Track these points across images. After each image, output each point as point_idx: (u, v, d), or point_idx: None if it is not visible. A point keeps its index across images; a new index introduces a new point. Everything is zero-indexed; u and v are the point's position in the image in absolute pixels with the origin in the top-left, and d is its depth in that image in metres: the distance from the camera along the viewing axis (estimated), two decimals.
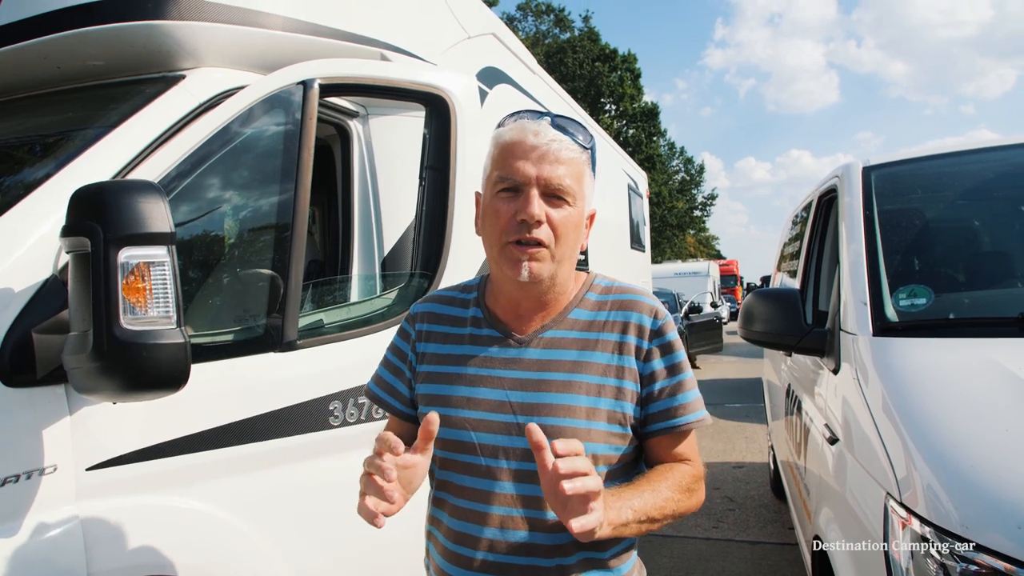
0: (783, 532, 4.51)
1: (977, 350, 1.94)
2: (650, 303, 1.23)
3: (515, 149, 1.14)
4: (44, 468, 1.49)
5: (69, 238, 1.43)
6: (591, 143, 1.21)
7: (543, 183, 1.12)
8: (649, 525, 1.12)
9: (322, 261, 3.02)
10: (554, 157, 1.13)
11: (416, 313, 1.34)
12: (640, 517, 1.09)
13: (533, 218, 1.11)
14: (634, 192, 7.69)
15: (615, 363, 1.18)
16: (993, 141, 3.08)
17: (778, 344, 2.62)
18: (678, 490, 1.17)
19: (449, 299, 1.34)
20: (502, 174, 1.15)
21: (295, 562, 1.97)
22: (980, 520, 1.33)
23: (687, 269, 24.11)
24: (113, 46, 2.12)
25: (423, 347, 1.30)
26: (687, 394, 1.20)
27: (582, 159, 1.17)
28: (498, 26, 3.65)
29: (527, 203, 1.11)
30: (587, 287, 1.27)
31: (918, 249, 2.60)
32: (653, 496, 1.12)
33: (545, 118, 1.17)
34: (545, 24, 39.49)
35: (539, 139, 1.13)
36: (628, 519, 1.07)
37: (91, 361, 1.37)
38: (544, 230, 1.13)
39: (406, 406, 1.32)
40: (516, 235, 1.13)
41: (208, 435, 1.80)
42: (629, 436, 1.19)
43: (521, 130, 1.15)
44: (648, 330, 1.20)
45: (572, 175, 1.14)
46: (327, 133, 2.66)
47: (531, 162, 1.13)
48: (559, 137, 1.14)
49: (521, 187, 1.13)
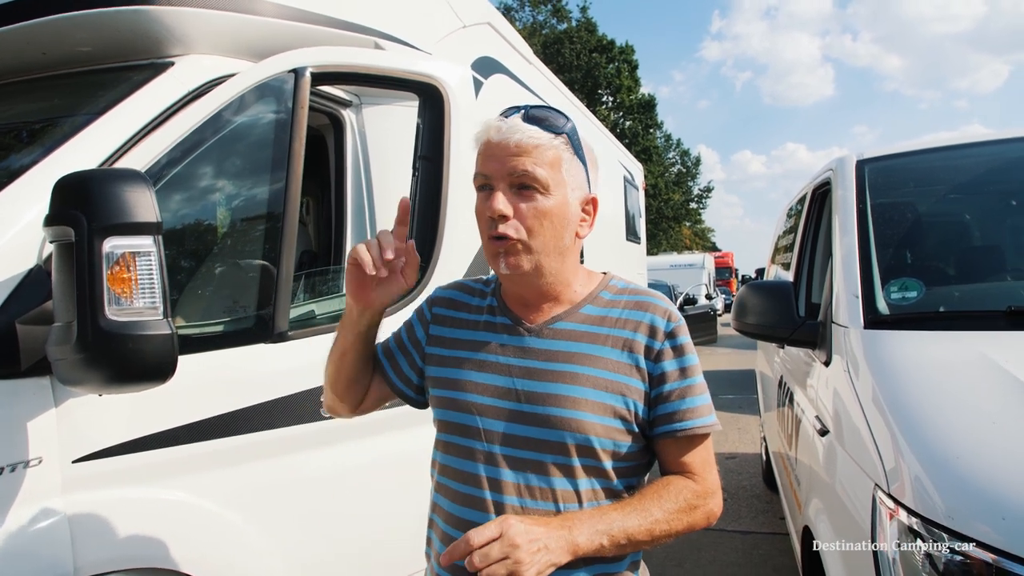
0: (774, 522, 4.53)
1: (966, 343, 1.94)
2: (664, 306, 1.23)
3: (485, 149, 1.17)
4: (29, 461, 1.48)
5: (53, 227, 1.41)
6: (566, 126, 1.19)
7: (507, 175, 1.14)
8: (634, 547, 1.13)
9: (315, 251, 3.00)
10: (517, 148, 1.13)
11: (437, 297, 1.37)
12: (620, 541, 1.10)
13: (495, 213, 1.13)
14: (630, 184, 7.67)
15: (624, 360, 1.18)
16: (985, 136, 3.08)
17: (771, 336, 2.62)
18: (673, 510, 1.15)
19: (470, 288, 1.37)
20: (477, 172, 1.19)
21: (286, 554, 1.97)
22: (966, 511, 1.33)
23: (682, 261, 24.16)
24: (100, 31, 2.10)
25: (436, 330, 1.32)
26: (695, 398, 1.19)
27: (554, 144, 1.16)
28: (494, 15, 3.62)
29: (491, 199, 1.14)
30: (603, 286, 1.27)
31: (910, 242, 2.60)
32: (639, 518, 1.12)
33: (518, 112, 1.17)
34: (542, 14, 39.30)
35: (502, 134, 1.14)
36: (603, 544, 1.09)
37: (76, 353, 1.36)
38: (512, 224, 1.14)
39: (398, 377, 1.35)
40: (488, 232, 1.16)
41: (197, 427, 1.79)
42: (635, 434, 1.18)
43: (486, 128, 1.17)
44: (661, 331, 1.20)
45: (541, 162, 1.14)
46: (320, 122, 2.64)
47: (496, 158, 1.15)
48: (524, 128, 1.14)
49: (491, 184, 1.16)
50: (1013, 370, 1.69)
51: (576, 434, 1.13)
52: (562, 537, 1.06)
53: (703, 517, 1.19)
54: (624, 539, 1.10)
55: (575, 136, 1.20)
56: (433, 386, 1.28)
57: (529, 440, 1.15)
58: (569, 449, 1.14)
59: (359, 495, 2.19)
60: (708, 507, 1.20)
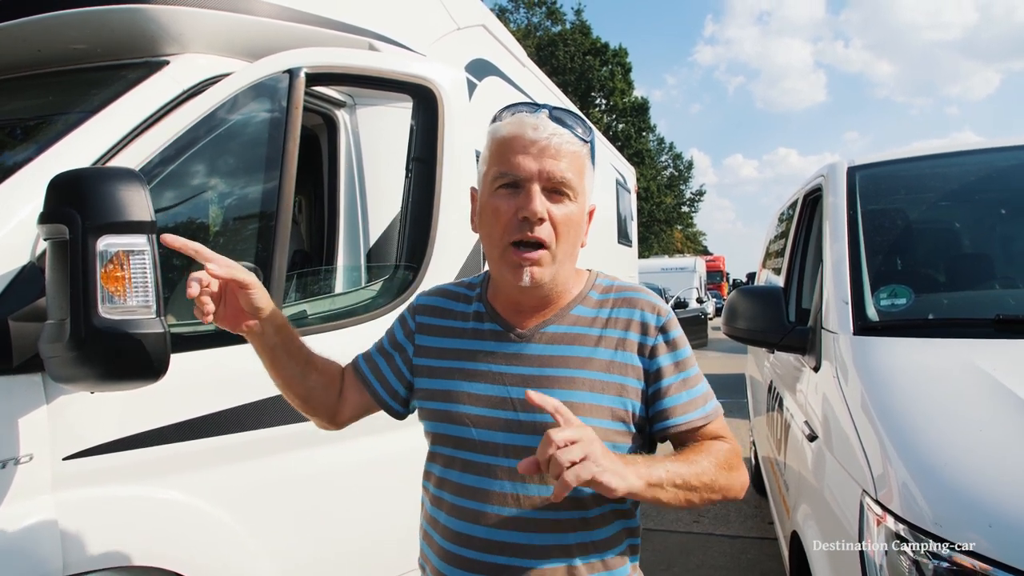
0: (763, 527, 4.55)
1: (954, 351, 1.96)
2: (653, 300, 1.22)
3: (514, 144, 1.11)
4: (20, 457, 1.47)
5: (47, 225, 1.41)
6: (591, 136, 1.18)
7: (545, 178, 1.09)
8: (688, 493, 1.08)
9: (307, 251, 3.00)
10: (555, 151, 1.10)
11: (418, 305, 1.33)
12: (675, 480, 1.06)
13: (536, 215, 1.08)
14: (622, 187, 7.70)
15: (618, 359, 1.17)
16: (977, 144, 3.11)
17: (761, 341, 2.64)
18: (717, 464, 1.12)
19: (453, 294, 1.32)
20: (501, 169, 1.12)
21: (277, 553, 1.96)
22: (953, 518, 1.34)
23: (674, 265, 24.21)
24: (95, 30, 2.09)
25: (422, 340, 1.28)
26: (693, 390, 1.19)
27: (583, 152, 1.15)
28: (488, 18, 3.63)
29: (529, 199, 1.08)
30: (590, 285, 1.25)
31: (900, 250, 2.62)
32: (689, 466, 1.09)
33: (543, 111, 1.14)
34: (537, 16, 39.31)
35: (539, 133, 1.10)
36: (662, 478, 1.04)
37: (68, 350, 1.36)
38: (546, 228, 1.10)
39: (384, 389, 1.31)
40: (518, 234, 1.10)
41: (189, 425, 1.78)
42: (633, 434, 1.17)
43: (519, 124, 1.12)
44: (652, 326, 1.18)
45: (573, 169, 1.12)
46: (314, 123, 2.64)
47: (531, 156, 1.09)
48: (559, 131, 1.11)
49: (522, 183, 1.10)
50: (1001, 378, 1.71)
51: None
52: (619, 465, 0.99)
53: (738, 482, 1.16)
54: (679, 479, 1.06)
55: (594, 145, 1.20)
56: (424, 398, 1.25)
57: (528, 450, 1.10)
58: None
59: (350, 495, 2.19)
60: (743, 470, 1.17)
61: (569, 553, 1.14)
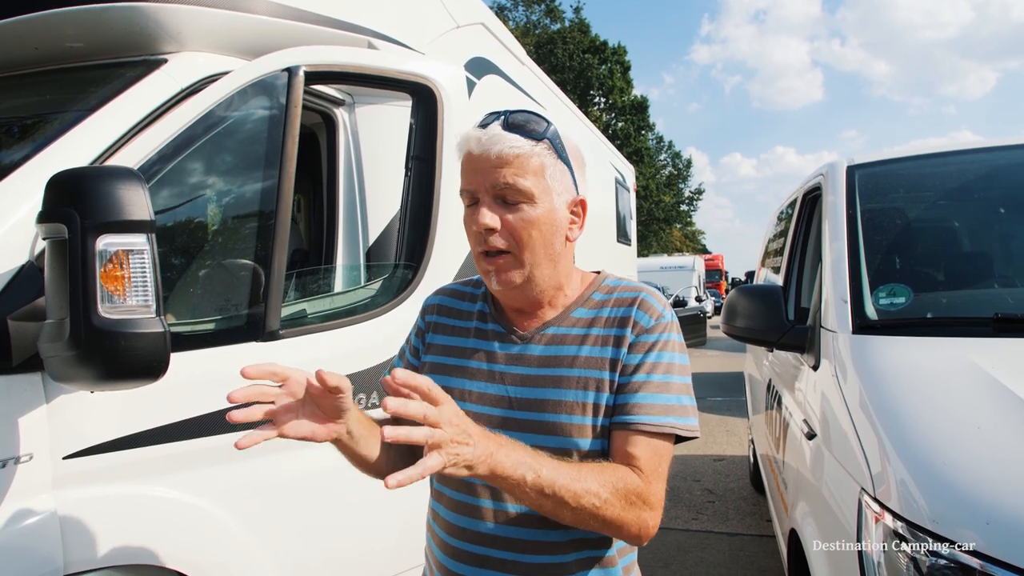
0: (761, 524, 4.56)
1: (953, 350, 1.96)
2: (652, 302, 1.19)
3: (466, 161, 1.14)
4: (20, 457, 1.47)
5: (46, 224, 1.41)
6: (547, 130, 1.15)
7: (491, 188, 1.12)
8: (553, 504, 0.99)
9: (307, 250, 3.00)
10: (497, 159, 1.10)
11: (428, 305, 1.36)
12: (543, 487, 0.97)
13: (482, 227, 1.11)
14: (621, 186, 7.70)
15: (608, 355, 1.16)
16: (975, 143, 3.11)
17: (760, 340, 2.64)
18: (609, 489, 1.03)
19: (460, 293, 1.35)
20: (463, 187, 1.17)
21: (277, 551, 1.97)
22: (950, 516, 1.35)
23: (673, 263, 24.22)
24: (93, 28, 2.09)
25: (431, 338, 1.31)
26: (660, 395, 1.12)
27: (536, 151, 1.12)
28: (487, 16, 3.63)
29: (478, 214, 1.12)
30: (595, 287, 1.25)
31: (899, 248, 2.62)
32: (572, 479, 1.00)
33: (497, 120, 1.14)
34: (536, 14, 39.33)
35: (481, 145, 1.11)
36: (524, 478, 0.96)
37: (68, 350, 1.36)
38: (502, 237, 1.12)
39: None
40: (480, 246, 1.14)
41: (189, 424, 1.78)
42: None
43: (467, 140, 1.14)
44: (642, 325, 1.16)
45: (524, 172, 1.11)
46: (313, 121, 2.64)
47: (478, 171, 1.12)
48: (504, 137, 1.10)
49: (477, 197, 1.14)
50: (1000, 377, 1.71)
51: (566, 438, 1.12)
52: (487, 448, 0.93)
53: (635, 521, 1.06)
54: (549, 488, 0.98)
55: (557, 139, 1.16)
56: None
57: None
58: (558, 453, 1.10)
59: (350, 492, 2.19)
60: (645, 515, 1.07)
61: (567, 548, 1.14)
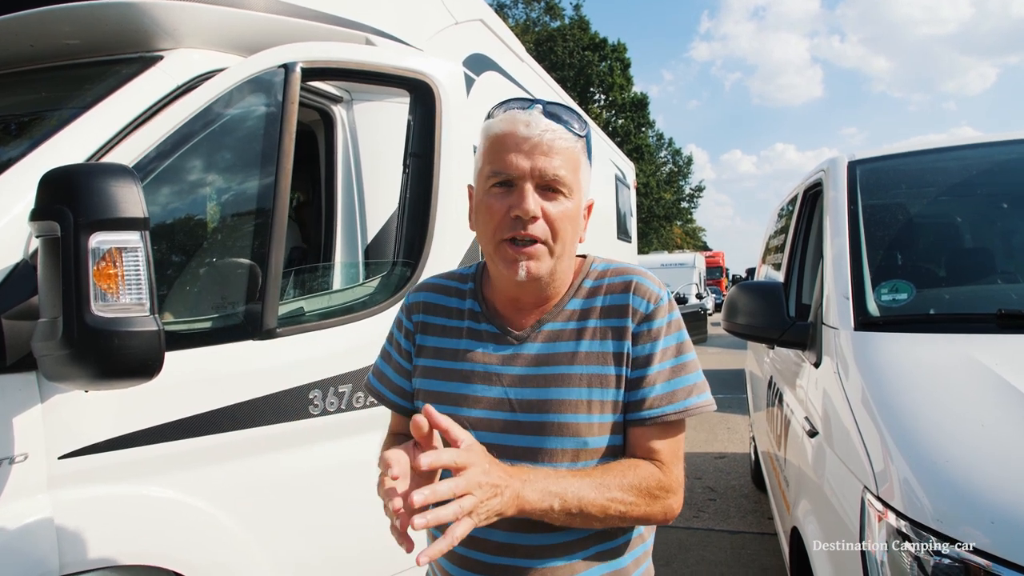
0: (763, 522, 4.55)
1: (956, 346, 1.95)
2: (645, 283, 1.17)
3: (506, 141, 1.08)
4: (14, 457, 1.46)
5: (39, 222, 1.39)
6: (586, 130, 1.16)
7: (537, 176, 1.07)
8: (583, 520, 1.04)
9: (305, 248, 2.98)
10: (548, 147, 1.07)
11: (412, 304, 1.29)
12: (571, 508, 1.01)
13: (528, 214, 1.06)
14: (621, 182, 7.69)
15: (611, 350, 1.13)
16: (976, 138, 3.10)
17: (761, 337, 2.62)
18: (634, 492, 1.07)
19: (445, 288, 1.28)
20: (494, 168, 1.10)
21: (274, 551, 1.96)
22: (954, 514, 1.33)
23: (673, 260, 24.23)
24: (89, 24, 2.07)
25: (421, 339, 1.25)
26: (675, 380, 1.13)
27: (577, 148, 1.12)
28: (486, 12, 3.61)
29: (521, 198, 1.07)
30: (584, 274, 1.22)
31: (901, 244, 2.61)
32: (597, 491, 1.04)
33: (536, 106, 1.11)
34: (535, 11, 39.27)
35: (531, 130, 1.07)
36: (552, 507, 1.00)
37: (61, 348, 1.34)
38: (540, 226, 1.08)
39: (405, 400, 1.27)
40: (511, 232, 1.08)
41: (185, 423, 1.77)
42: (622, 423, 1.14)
43: (511, 121, 1.09)
44: (641, 313, 1.14)
45: (567, 166, 1.09)
46: (310, 118, 2.63)
47: (523, 154, 1.07)
48: (552, 126, 1.09)
49: (514, 181, 1.08)
50: (1002, 373, 1.69)
51: (574, 437, 1.10)
52: (514, 490, 0.97)
53: (661, 511, 1.11)
54: (576, 508, 1.02)
55: (590, 140, 1.17)
56: (422, 399, 1.22)
57: (528, 450, 1.10)
58: (567, 453, 1.10)
59: (348, 492, 2.18)
60: (669, 502, 1.11)
61: (576, 548, 1.13)
